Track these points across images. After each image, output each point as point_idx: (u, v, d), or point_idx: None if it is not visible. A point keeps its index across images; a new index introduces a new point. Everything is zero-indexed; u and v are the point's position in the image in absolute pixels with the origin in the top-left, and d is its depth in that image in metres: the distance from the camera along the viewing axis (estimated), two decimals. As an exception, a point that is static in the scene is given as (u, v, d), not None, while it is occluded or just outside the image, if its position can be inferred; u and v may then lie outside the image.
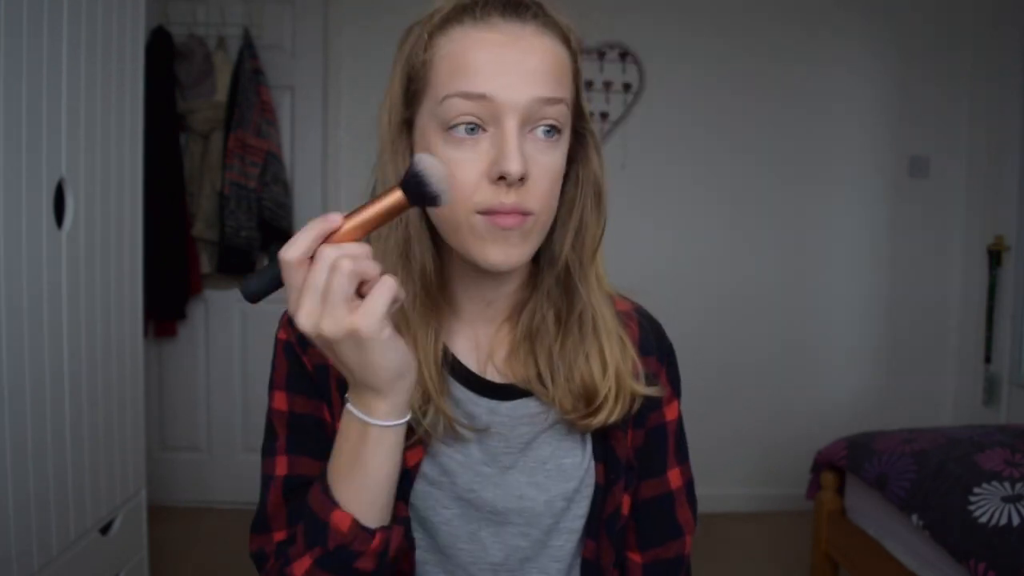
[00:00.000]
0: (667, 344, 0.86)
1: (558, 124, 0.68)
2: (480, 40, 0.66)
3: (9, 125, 1.48)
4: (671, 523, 0.83)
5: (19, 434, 1.54)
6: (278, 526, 0.75)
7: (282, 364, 0.77)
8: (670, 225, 3.27)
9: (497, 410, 0.76)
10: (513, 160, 0.64)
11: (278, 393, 0.77)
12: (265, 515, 0.75)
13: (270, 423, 0.78)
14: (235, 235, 2.99)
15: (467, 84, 0.65)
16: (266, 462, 0.77)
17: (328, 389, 0.76)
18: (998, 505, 1.77)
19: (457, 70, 0.66)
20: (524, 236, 0.68)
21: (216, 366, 3.20)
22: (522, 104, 0.65)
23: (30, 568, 1.55)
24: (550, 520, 0.77)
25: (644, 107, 3.20)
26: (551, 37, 0.68)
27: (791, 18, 3.24)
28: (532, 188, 0.67)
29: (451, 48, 0.67)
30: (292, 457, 0.76)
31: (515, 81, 0.65)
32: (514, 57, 0.65)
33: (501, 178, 0.65)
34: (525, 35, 0.66)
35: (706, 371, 3.21)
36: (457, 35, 0.67)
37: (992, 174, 3.23)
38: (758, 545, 3.00)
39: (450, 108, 0.66)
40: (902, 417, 3.00)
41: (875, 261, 3.38)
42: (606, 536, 0.79)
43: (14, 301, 1.51)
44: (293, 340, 0.77)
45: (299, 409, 0.76)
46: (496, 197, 0.66)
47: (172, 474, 3.15)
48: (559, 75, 0.68)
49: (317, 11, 3.10)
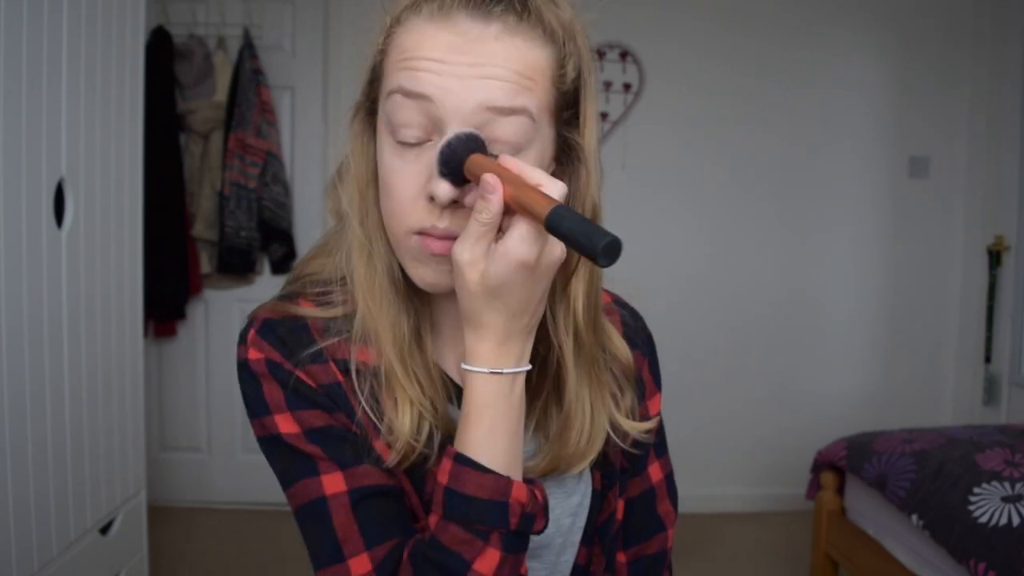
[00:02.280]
0: (648, 336, 0.84)
1: (511, 145, 0.60)
2: (432, 37, 0.59)
3: (9, 125, 1.48)
4: (653, 518, 0.82)
5: (19, 434, 1.54)
6: (353, 550, 0.62)
7: (273, 386, 0.65)
8: (670, 225, 3.27)
9: None
10: (441, 183, 0.59)
11: (280, 417, 0.65)
12: (335, 543, 0.62)
13: (287, 448, 0.65)
14: (235, 235, 2.99)
15: (409, 81, 0.60)
16: (303, 487, 0.64)
17: (349, 405, 0.66)
18: (998, 505, 1.77)
19: (403, 64, 0.60)
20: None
21: (216, 366, 3.20)
22: (465, 112, 0.59)
23: (30, 568, 1.55)
24: (560, 540, 0.75)
25: (644, 107, 3.20)
26: (525, 37, 0.60)
27: (791, 19, 3.24)
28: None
29: (403, 39, 0.61)
30: (347, 470, 0.64)
31: (461, 85, 0.58)
32: (465, 59, 0.59)
33: (431, 199, 0.60)
34: (486, 37, 0.59)
35: (706, 371, 3.21)
36: (412, 26, 0.61)
37: (992, 174, 3.23)
38: (758, 545, 3.00)
39: (394, 108, 0.61)
40: (902, 417, 3.00)
41: (875, 261, 3.38)
42: (598, 542, 0.77)
43: (14, 301, 1.51)
44: (277, 357, 0.65)
45: (319, 423, 0.65)
46: (429, 218, 0.61)
47: (172, 474, 3.15)
48: (525, 82, 0.60)
49: (317, 11, 3.11)
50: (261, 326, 0.67)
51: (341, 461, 0.64)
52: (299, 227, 3.15)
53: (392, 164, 0.62)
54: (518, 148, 0.61)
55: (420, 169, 0.61)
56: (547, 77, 0.62)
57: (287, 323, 0.67)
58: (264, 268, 3.15)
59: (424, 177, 0.60)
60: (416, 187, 0.61)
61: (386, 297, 0.66)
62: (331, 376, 0.66)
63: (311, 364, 0.66)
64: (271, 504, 3.06)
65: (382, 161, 0.63)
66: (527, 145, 0.61)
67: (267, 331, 0.67)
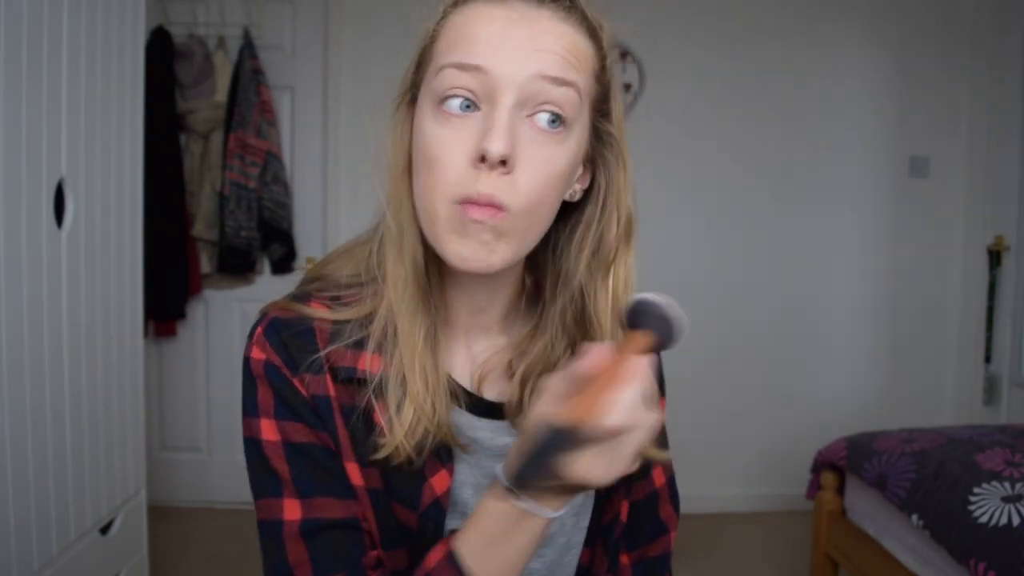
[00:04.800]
0: None
1: (563, 113, 0.62)
2: (489, 15, 0.61)
3: (9, 125, 1.48)
4: (655, 521, 0.83)
5: (19, 434, 1.54)
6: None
7: (266, 390, 0.66)
8: (670, 224, 3.27)
9: (499, 431, 0.72)
10: (497, 137, 0.58)
11: (265, 422, 0.66)
12: (287, 568, 0.64)
13: (262, 458, 0.66)
14: (235, 235, 2.99)
15: (464, 55, 0.61)
16: (267, 505, 0.66)
17: (333, 422, 0.66)
18: (998, 505, 1.77)
19: (458, 41, 0.62)
20: (497, 236, 0.61)
21: (216, 366, 3.20)
22: (520, 80, 0.60)
23: (30, 568, 1.55)
24: (563, 539, 0.75)
25: (644, 107, 3.20)
26: (572, 25, 0.63)
27: (791, 18, 3.24)
28: (516, 180, 0.60)
29: (458, 20, 0.63)
30: (305, 500, 0.65)
31: (517, 56, 0.60)
32: (521, 32, 0.61)
33: (482, 160, 0.59)
34: (540, 17, 0.62)
35: (706, 371, 3.21)
36: (468, 9, 0.63)
37: (992, 174, 3.23)
38: (758, 545, 3.00)
39: (444, 79, 0.61)
40: (902, 417, 3.00)
41: (875, 261, 3.38)
42: (602, 544, 0.78)
43: (14, 301, 1.51)
44: (277, 361, 0.66)
45: (299, 438, 0.66)
46: (474, 184, 0.60)
47: (172, 474, 3.15)
48: (573, 61, 0.62)
49: (317, 11, 3.10)
50: (268, 325, 0.68)
51: (304, 489, 0.66)
52: (299, 227, 3.15)
53: (437, 134, 0.61)
54: (567, 118, 0.62)
55: (466, 137, 0.60)
56: (590, 67, 0.64)
57: (294, 325, 0.68)
58: (264, 268, 3.15)
59: (470, 145, 0.60)
60: (461, 154, 0.60)
61: (410, 293, 0.66)
62: (323, 388, 0.66)
63: (307, 373, 0.66)
64: (271, 504, 3.06)
65: (423, 136, 0.63)
66: (572, 121, 0.63)
67: (273, 332, 0.68)
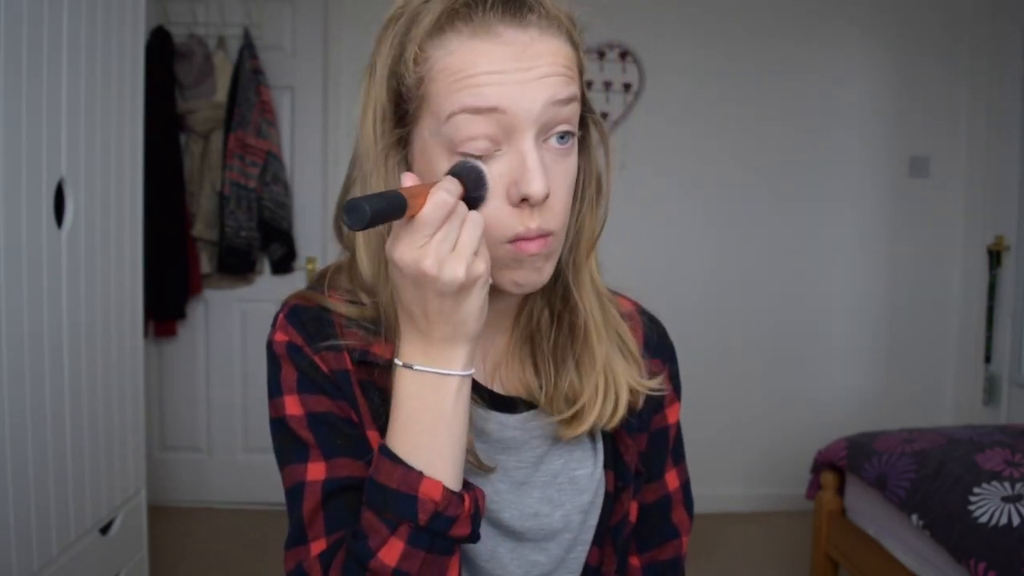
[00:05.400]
0: (670, 345, 0.85)
1: (571, 127, 0.65)
2: (483, 51, 0.61)
3: (9, 125, 1.48)
4: (668, 525, 0.83)
5: (19, 434, 1.54)
6: (315, 534, 0.66)
7: (289, 368, 0.69)
8: (670, 224, 3.27)
9: (508, 423, 0.74)
10: (536, 180, 0.61)
11: (289, 399, 0.69)
12: (301, 525, 0.67)
13: (289, 432, 0.69)
14: (235, 235, 2.99)
15: (475, 98, 0.61)
16: (294, 470, 0.69)
17: (352, 394, 0.69)
18: (998, 505, 1.77)
19: (462, 85, 0.61)
20: (547, 257, 0.66)
21: (216, 366, 3.20)
22: (537, 111, 0.62)
23: (30, 568, 1.55)
24: (569, 536, 0.75)
25: (644, 107, 3.20)
26: (554, 35, 0.64)
27: (791, 18, 3.24)
28: (553, 205, 0.64)
29: (450, 61, 0.62)
30: (330, 460, 0.68)
31: (528, 89, 0.61)
32: (523, 65, 0.61)
33: (524, 200, 0.62)
34: (530, 41, 0.62)
35: (706, 371, 3.20)
36: (454, 46, 0.61)
37: (992, 174, 3.23)
38: (758, 545, 3.00)
39: (459, 127, 0.61)
40: (902, 417, 3.00)
41: (875, 261, 3.38)
42: (611, 543, 0.78)
43: (14, 301, 1.51)
44: (299, 341, 0.69)
45: (321, 408, 0.69)
46: (521, 222, 0.63)
47: (172, 474, 3.15)
48: (570, 73, 0.65)
49: (317, 11, 3.11)
50: (290, 311, 0.71)
51: (328, 452, 0.68)
52: (299, 227, 3.16)
53: None
54: (573, 129, 0.66)
55: (497, 179, 0.63)
56: (575, 67, 0.67)
57: (313, 311, 0.71)
58: (264, 268, 3.15)
59: (502, 186, 0.63)
60: (497, 198, 0.63)
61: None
62: (342, 364, 0.69)
63: (327, 351, 0.69)
64: (271, 504, 3.07)
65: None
66: (575, 129, 0.66)
67: (294, 316, 0.71)
